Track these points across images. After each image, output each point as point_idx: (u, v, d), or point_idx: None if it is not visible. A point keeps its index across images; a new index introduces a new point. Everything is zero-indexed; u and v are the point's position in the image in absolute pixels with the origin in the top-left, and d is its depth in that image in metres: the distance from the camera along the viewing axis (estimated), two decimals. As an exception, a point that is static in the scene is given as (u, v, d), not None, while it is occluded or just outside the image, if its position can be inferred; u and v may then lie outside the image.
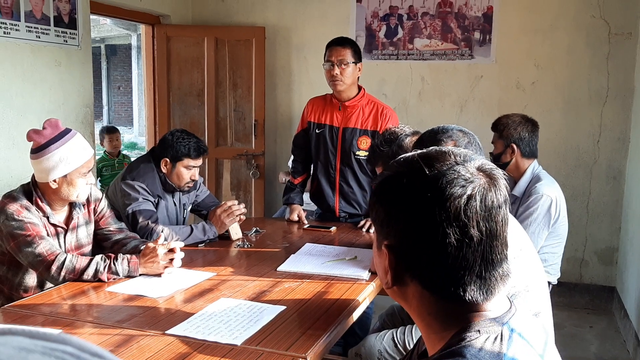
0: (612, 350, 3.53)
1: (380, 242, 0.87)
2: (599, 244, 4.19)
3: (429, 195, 0.79)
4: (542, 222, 2.63)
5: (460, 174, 0.80)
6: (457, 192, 0.78)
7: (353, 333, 2.82)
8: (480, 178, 0.81)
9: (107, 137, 5.03)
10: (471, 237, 0.79)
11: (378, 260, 0.89)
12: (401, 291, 0.87)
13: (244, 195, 4.76)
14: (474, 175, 0.81)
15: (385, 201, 0.85)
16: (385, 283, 0.88)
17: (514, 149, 2.74)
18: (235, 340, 1.64)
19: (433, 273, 0.82)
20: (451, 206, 0.78)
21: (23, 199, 2.15)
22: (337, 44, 3.04)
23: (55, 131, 2.13)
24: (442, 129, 1.63)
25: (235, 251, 2.64)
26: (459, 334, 0.81)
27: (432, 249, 0.80)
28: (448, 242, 0.78)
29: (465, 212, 0.78)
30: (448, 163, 0.82)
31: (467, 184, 0.79)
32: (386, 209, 0.85)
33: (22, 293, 2.21)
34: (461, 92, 4.35)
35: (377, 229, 0.88)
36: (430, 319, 0.85)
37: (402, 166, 0.85)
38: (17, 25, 3.24)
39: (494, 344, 0.79)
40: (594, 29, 4.01)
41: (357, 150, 3.06)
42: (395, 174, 0.85)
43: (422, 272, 0.83)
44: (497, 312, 0.84)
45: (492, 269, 0.82)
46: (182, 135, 2.70)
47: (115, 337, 1.67)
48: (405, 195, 0.82)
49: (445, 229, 0.78)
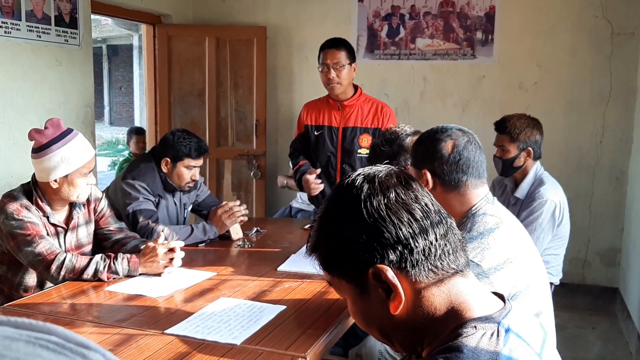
0: (615, 351, 3.51)
1: (356, 278, 0.87)
2: (601, 245, 4.17)
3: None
4: (546, 227, 2.60)
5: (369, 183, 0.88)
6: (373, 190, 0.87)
7: (354, 334, 2.80)
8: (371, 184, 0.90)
9: (134, 137, 5.06)
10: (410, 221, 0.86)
11: (369, 307, 0.90)
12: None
13: (245, 195, 4.75)
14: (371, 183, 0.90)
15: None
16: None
17: (530, 152, 2.71)
18: (234, 339, 1.63)
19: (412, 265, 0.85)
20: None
21: (23, 198, 2.14)
22: (330, 46, 3.01)
23: (57, 131, 2.13)
24: (441, 129, 1.63)
25: (236, 251, 2.64)
26: (456, 329, 0.82)
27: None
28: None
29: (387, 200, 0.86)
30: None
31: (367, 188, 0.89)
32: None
33: (22, 292, 2.20)
34: (463, 92, 4.33)
35: (341, 272, 0.88)
36: (432, 321, 0.86)
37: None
38: (18, 25, 3.23)
39: (490, 340, 0.80)
40: (597, 29, 3.99)
41: (358, 148, 3.06)
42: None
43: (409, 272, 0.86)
44: (490, 310, 0.85)
45: (446, 242, 0.88)
46: (183, 135, 2.70)
47: (114, 337, 1.67)
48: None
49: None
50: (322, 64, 3.00)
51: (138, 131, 5.23)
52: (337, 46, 3.00)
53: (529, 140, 2.70)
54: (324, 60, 2.99)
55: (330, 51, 2.99)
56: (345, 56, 2.99)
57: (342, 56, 2.98)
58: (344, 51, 2.99)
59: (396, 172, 0.88)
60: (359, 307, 0.89)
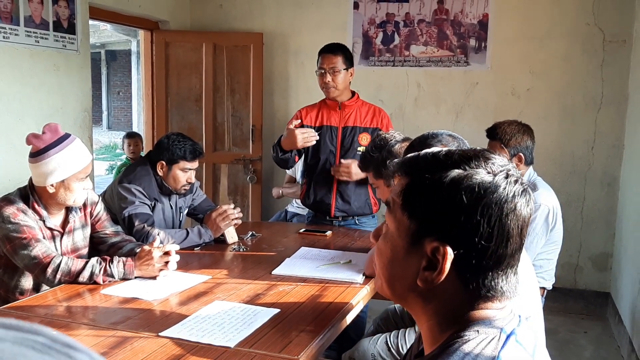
0: (607, 356, 3.54)
1: (421, 237, 0.84)
2: (593, 249, 4.21)
3: (489, 193, 0.81)
4: (540, 231, 2.64)
5: (510, 179, 0.83)
6: (510, 192, 0.81)
7: (348, 337, 2.83)
8: (518, 186, 0.83)
9: (127, 141, 5.10)
10: (510, 236, 0.82)
11: (408, 261, 0.86)
12: (430, 292, 0.85)
13: (241, 199, 4.78)
14: (515, 184, 0.83)
15: (449, 199, 0.81)
16: (424, 281, 0.84)
17: (521, 158, 2.74)
18: (228, 342, 1.65)
19: (470, 266, 0.82)
20: (506, 205, 0.81)
21: (20, 202, 2.16)
22: (328, 51, 3.10)
23: (54, 136, 2.15)
24: (432, 135, 1.66)
25: (231, 255, 2.66)
26: (458, 332, 0.82)
27: (488, 249, 0.81)
28: (499, 240, 0.81)
29: (512, 211, 0.81)
30: (489, 167, 0.83)
31: (508, 185, 0.82)
32: (447, 205, 0.82)
33: (18, 295, 2.22)
34: (457, 98, 4.37)
35: (417, 223, 0.84)
36: (438, 318, 0.86)
37: (461, 162, 0.83)
38: (17, 30, 3.26)
39: (488, 345, 0.80)
40: (589, 36, 4.04)
41: (358, 146, 3.11)
42: (462, 175, 0.82)
43: (462, 266, 0.82)
44: (499, 315, 0.84)
45: (512, 271, 0.85)
46: (178, 138, 2.73)
47: (109, 339, 1.69)
48: (473, 195, 0.81)
49: (503, 226, 0.81)
50: (319, 67, 3.09)
51: (129, 135, 5.23)
52: (334, 51, 3.09)
53: (520, 146, 2.73)
54: (321, 64, 3.08)
55: (327, 56, 3.07)
56: (341, 61, 3.06)
57: (339, 61, 3.06)
58: (340, 56, 3.07)
59: (527, 187, 0.85)
60: (392, 248, 0.88)
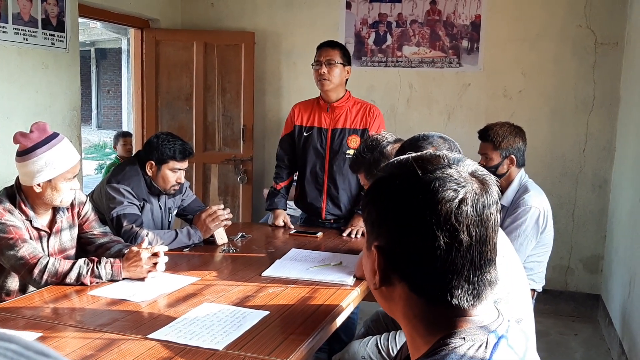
0: (597, 357, 3.55)
1: (371, 242, 0.86)
2: (584, 252, 4.22)
3: (421, 198, 0.79)
4: (530, 234, 2.63)
5: (452, 178, 0.80)
6: (448, 196, 0.78)
7: (338, 339, 2.82)
8: (472, 183, 0.81)
9: (121, 140, 5.11)
10: (461, 242, 0.78)
11: (367, 261, 0.89)
12: (388, 292, 0.86)
13: (231, 200, 4.75)
14: (466, 180, 0.80)
15: (378, 202, 0.85)
16: (373, 284, 0.87)
17: (513, 160, 2.74)
18: (216, 345, 1.63)
19: (421, 276, 0.81)
20: (442, 209, 0.78)
21: (6, 202, 2.13)
22: (326, 45, 3.13)
23: (42, 135, 2.12)
24: (422, 136, 1.65)
25: (220, 256, 2.64)
26: (444, 339, 0.80)
27: (421, 252, 0.80)
28: (437, 245, 0.78)
29: (456, 217, 0.78)
30: (441, 166, 0.82)
31: (459, 187, 0.79)
32: (378, 210, 0.85)
33: (4, 296, 2.19)
34: (449, 99, 4.37)
35: (368, 229, 0.88)
36: (416, 322, 0.84)
37: (396, 168, 0.86)
38: (5, 28, 3.22)
39: (477, 352, 0.78)
40: (581, 38, 4.05)
41: (347, 149, 3.10)
42: (388, 176, 0.85)
43: (410, 275, 0.82)
44: (485, 320, 0.82)
45: (481, 274, 0.81)
46: (168, 138, 2.70)
47: (96, 341, 1.66)
48: (397, 197, 0.82)
49: (436, 232, 0.78)
50: (316, 60, 3.10)
51: (124, 134, 5.27)
52: (332, 46, 3.12)
53: (512, 147, 2.73)
54: (318, 57, 3.09)
55: (325, 49, 3.10)
56: (339, 55, 3.07)
57: (336, 55, 3.07)
58: (338, 51, 3.09)
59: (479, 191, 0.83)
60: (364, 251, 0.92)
